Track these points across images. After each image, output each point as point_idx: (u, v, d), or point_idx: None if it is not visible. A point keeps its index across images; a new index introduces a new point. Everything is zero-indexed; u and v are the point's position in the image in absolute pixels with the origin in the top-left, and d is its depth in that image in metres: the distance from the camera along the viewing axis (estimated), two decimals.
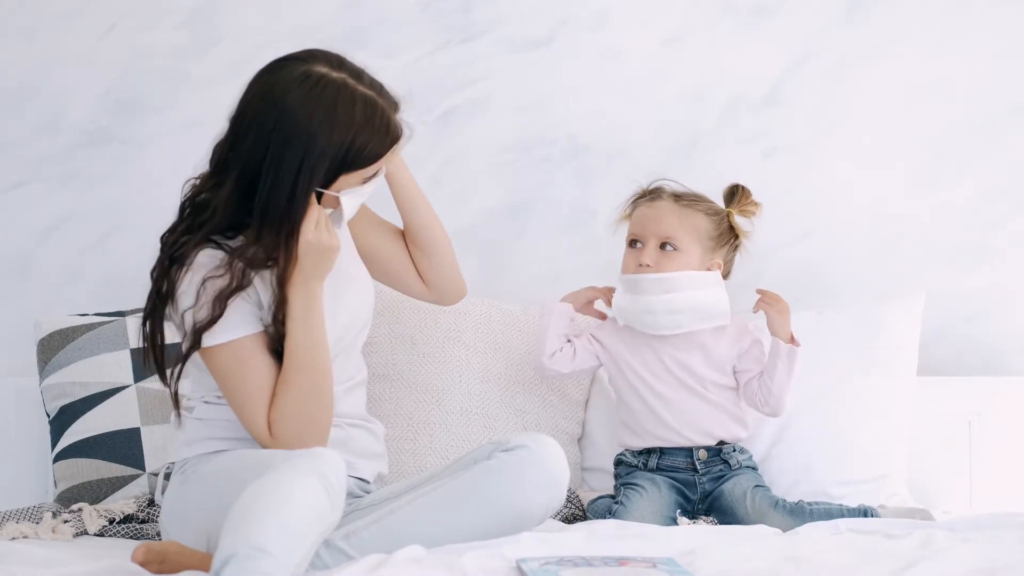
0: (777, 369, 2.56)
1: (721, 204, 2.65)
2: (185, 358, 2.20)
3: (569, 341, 2.67)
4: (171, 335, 2.55)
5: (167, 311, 2.22)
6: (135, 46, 3.09)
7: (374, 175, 2.25)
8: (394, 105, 2.24)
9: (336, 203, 2.23)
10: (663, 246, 2.58)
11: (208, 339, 2.18)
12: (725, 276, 2.64)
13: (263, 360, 2.21)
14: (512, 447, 2.16)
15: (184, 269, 2.19)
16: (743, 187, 2.64)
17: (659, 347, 2.62)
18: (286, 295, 2.19)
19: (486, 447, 2.20)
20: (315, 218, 2.18)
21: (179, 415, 2.26)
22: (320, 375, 2.20)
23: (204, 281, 2.17)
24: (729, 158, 3.04)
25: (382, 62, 3.07)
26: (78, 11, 3.09)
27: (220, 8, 3.09)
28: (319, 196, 2.20)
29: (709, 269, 2.60)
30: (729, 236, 2.63)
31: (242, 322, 2.19)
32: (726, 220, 2.62)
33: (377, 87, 2.23)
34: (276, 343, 2.22)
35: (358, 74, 2.21)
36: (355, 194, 2.24)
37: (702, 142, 3.07)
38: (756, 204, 2.64)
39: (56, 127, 3.09)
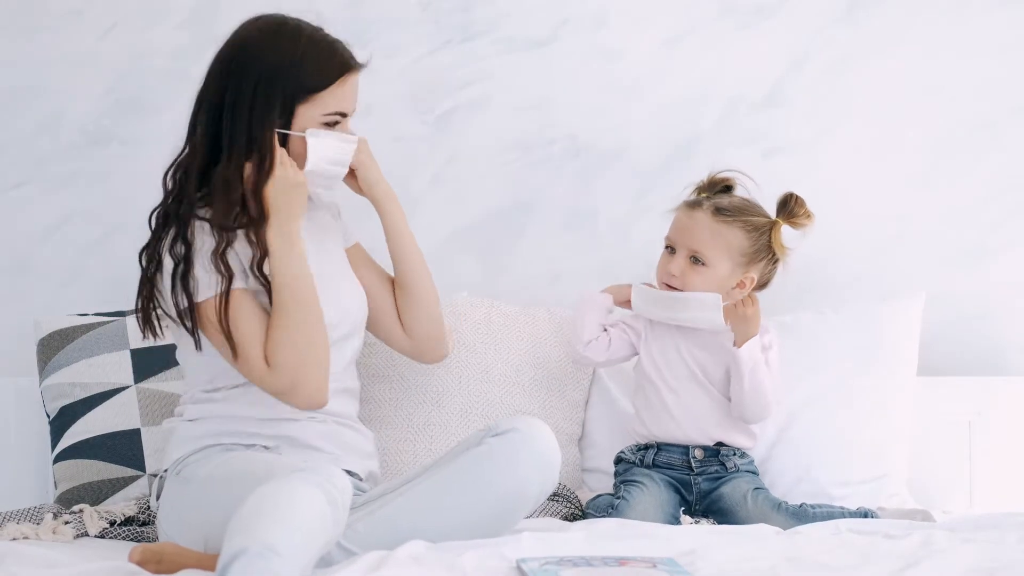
0: (733, 374, 2.56)
1: (773, 211, 2.61)
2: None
3: (605, 330, 2.68)
4: (171, 335, 2.55)
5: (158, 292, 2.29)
6: (135, 46, 3.09)
7: (337, 122, 2.33)
8: (349, 54, 2.36)
9: (303, 152, 2.31)
10: (693, 258, 2.58)
11: (206, 291, 2.24)
12: (763, 286, 2.63)
13: (256, 308, 2.26)
14: (502, 431, 2.18)
15: (192, 250, 2.26)
16: (797, 197, 2.59)
17: (679, 340, 2.63)
18: (264, 241, 2.26)
19: (477, 434, 2.23)
20: (279, 157, 2.27)
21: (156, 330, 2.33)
22: (307, 305, 2.25)
23: (212, 253, 2.24)
24: (729, 158, 3.03)
25: (382, 62, 3.07)
26: (78, 11, 3.09)
27: (220, 8, 3.09)
28: (284, 140, 2.29)
29: (740, 284, 2.58)
30: (767, 251, 2.59)
31: (238, 277, 2.26)
32: (766, 235, 2.58)
33: (332, 38, 2.36)
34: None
35: (314, 26, 2.36)
36: (320, 137, 2.31)
37: (702, 142, 3.07)
38: (809, 216, 2.58)
39: (56, 127, 3.09)
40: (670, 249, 2.62)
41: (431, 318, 2.54)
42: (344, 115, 2.35)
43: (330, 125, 2.33)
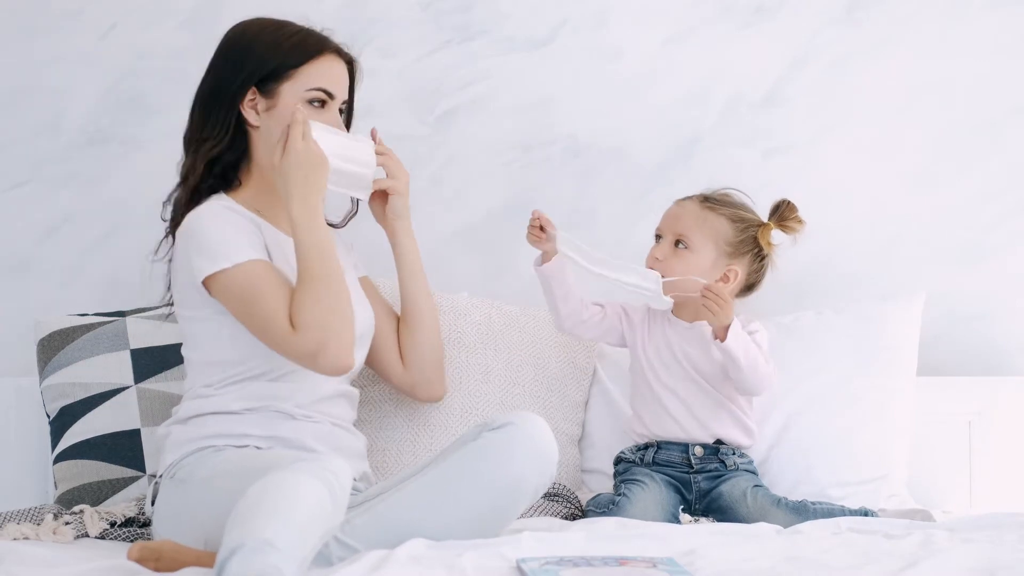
0: (729, 364, 2.56)
1: (765, 215, 2.63)
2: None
3: (601, 307, 2.68)
4: (171, 335, 2.55)
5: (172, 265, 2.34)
6: (135, 46, 3.09)
7: (324, 102, 2.38)
8: (327, 38, 2.46)
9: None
10: (677, 243, 2.60)
11: (233, 257, 2.26)
12: (752, 287, 2.65)
13: (280, 277, 2.28)
14: (498, 425, 2.19)
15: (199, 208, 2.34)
16: (789, 203, 2.61)
17: (672, 339, 2.64)
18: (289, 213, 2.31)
19: (473, 429, 2.22)
20: (301, 129, 2.30)
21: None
22: (330, 268, 2.25)
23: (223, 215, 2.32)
24: (729, 158, 3.04)
25: (382, 62, 3.09)
26: (78, 11, 3.09)
27: (221, 8, 3.08)
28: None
29: (724, 277, 2.59)
30: (752, 245, 2.61)
31: (260, 251, 2.29)
32: (753, 229, 2.61)
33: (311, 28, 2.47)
34: None
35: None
36: (319, 130, 2.34)
37: (702, 142, 3.08)
38: (800, 222, 2.60)
39: (56, 127, 3.09)
40: (658, 238, 2.64)
41: (434, 358, 2.60)
42: (330, 96, 2.39)
43: (315, 106, 2.37)
